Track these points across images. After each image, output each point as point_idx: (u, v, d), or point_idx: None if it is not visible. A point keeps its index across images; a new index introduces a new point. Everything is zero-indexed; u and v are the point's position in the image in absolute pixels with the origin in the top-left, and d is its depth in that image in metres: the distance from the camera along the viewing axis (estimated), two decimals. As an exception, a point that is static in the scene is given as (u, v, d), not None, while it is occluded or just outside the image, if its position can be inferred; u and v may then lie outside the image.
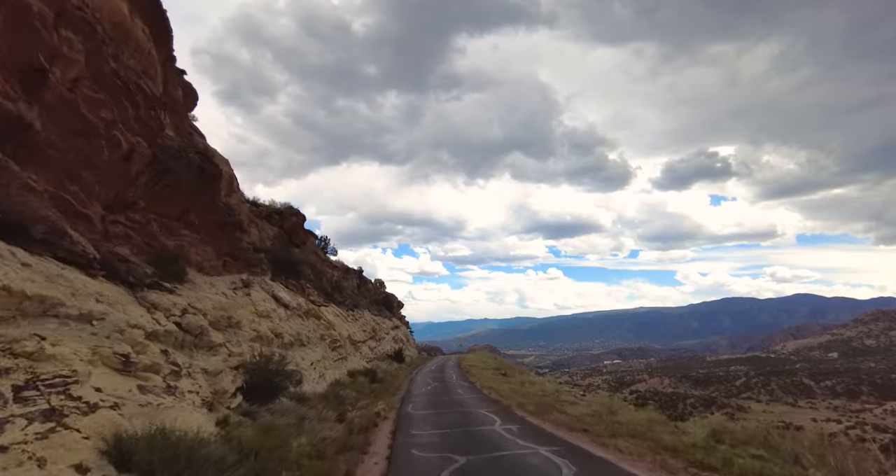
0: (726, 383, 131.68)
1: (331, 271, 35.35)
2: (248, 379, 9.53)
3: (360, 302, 40.25)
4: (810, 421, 79.18)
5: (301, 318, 19.30)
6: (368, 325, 36.99)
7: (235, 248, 16.47)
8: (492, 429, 10.46)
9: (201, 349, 9.55)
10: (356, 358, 28.57)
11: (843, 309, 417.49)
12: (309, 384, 15.44)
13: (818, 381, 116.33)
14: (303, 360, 16.91)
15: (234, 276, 16.25)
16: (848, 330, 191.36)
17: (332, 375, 19.14)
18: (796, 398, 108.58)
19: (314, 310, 21.63)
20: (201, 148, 13.19)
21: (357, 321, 34.43)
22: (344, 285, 40.34)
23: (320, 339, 22.00)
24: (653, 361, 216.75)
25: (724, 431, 7.98)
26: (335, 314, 29.48)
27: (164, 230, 12.39)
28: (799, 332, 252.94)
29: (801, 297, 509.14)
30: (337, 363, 23.33)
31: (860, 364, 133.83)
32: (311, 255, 30.49)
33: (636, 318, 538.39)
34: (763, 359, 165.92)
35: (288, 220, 29.38)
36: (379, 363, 32.57)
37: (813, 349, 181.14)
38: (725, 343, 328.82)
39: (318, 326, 21.48)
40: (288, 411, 9.73)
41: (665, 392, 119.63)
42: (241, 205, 18.59)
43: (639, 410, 11.20)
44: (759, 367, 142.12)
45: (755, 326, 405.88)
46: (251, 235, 19.82)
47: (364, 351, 32.08)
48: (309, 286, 24.25)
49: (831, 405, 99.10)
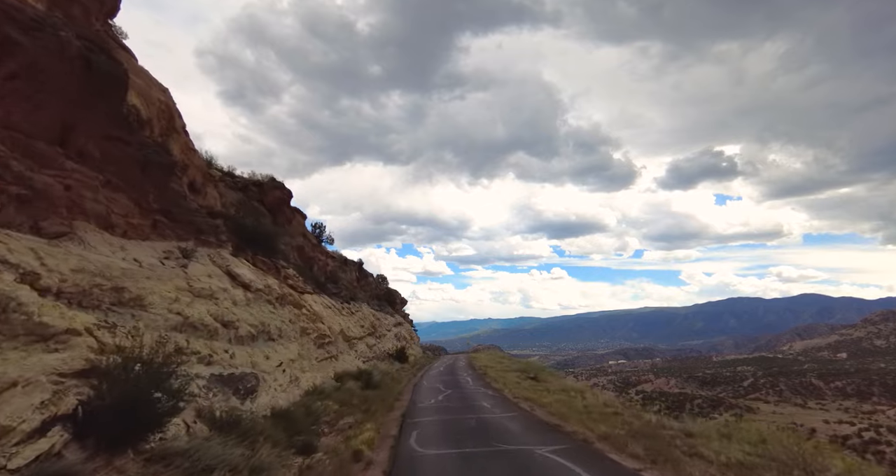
0: (733, 384, 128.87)
1: (324, 259, 30.75)
2: (96, 395, 4.85)
3: (357, 295, 35.67)
4: (822, 422, 77.39)
5: (271, 305, 14.63)
6: (367, 319, 32.36)
7: (173, 204, 11.81)
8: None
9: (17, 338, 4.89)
10: (350, 357, 23.91)
11: (850, 309, 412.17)
12: (269, 394, 10.74)
13: (828, 382, 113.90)
14: (267, 359, 12.25)
15: (169, 242, 11.58)
16: (857, 330, 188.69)
17: (311, 379, 14.44)
18: (805, 399, 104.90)
19: (292, 296, 16.93)
20: (92, 36, 8.54)
21: (353, 315, 29.81)
22: (340, 276, 35.67)
23: (301, 333, 17.33)
24: (658, 362, 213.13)
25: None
26: (325, 305, 24.80)
27: (26, 155, 7.70)
28: (806, 332, 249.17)
29: (808, 298, 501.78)
30: (323, 363, 18.65)
31: (870, 365, 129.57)
32: (299, 237, 25.88)
33: (641, 318, 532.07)
34: (770, 359, 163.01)
35: (269, 194, 24.69)
36: (378, 363, 27.89)
37: (821, 349, 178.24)
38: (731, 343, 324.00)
39: (297, 317, 16.81)
40: (179, 456, 5.04)
41: (671, 393, 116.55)
42: (188, 153, 13.91)
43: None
44: (767, 367, 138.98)
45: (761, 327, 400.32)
46: (206, 198, 15.16)
47: (361, 349, 27.41)
48: (289, 268, 19.55)
49: (842, 406, 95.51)
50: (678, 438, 7.45)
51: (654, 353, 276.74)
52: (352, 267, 46.37)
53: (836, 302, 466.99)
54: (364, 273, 50.71)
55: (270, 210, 24.79)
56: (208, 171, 15.49)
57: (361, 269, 49.59)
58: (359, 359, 25.52)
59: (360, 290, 43.59)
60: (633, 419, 8.98)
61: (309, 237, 28.91)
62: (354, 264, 47.53)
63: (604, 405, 11.01)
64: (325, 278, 31.98)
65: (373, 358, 29.10)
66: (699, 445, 6.73)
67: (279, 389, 11.56)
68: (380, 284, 57.59)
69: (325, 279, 31.35)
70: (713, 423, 9.22)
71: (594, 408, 10.50)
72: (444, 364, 34.03)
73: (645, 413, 10.11)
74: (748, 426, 7.72)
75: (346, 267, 44.85)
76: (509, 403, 13.30)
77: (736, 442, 6.75)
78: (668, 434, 7.82)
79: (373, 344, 31.15)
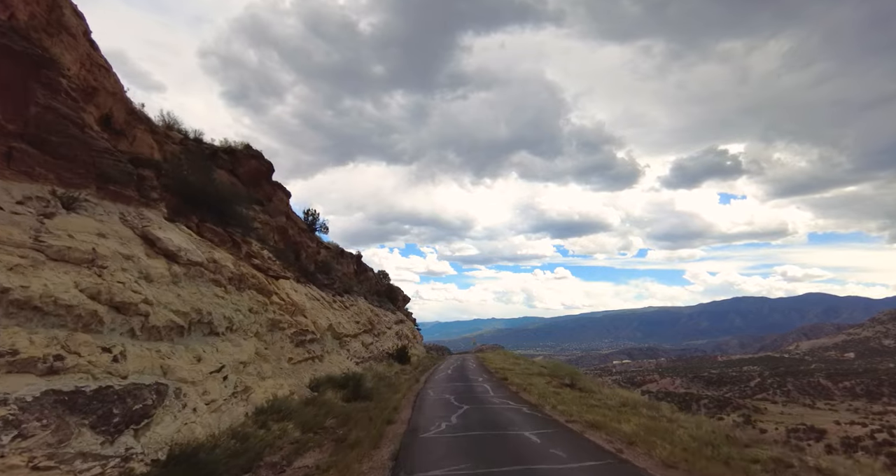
0: (740, 384, 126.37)
1: (314, 246, 26.66)
2: None
3: (353, 288, 31.61)
4: (833, 424, 74.31)
5: (219, 287, 10.51)
6: (363, 315, 28.26)
7: (53, 130, 7.73)
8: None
9: None
10: (339, 357, 19.79)
11: (856, 308, 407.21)
12: (179, 418, 6.55)
13: (836, 383, 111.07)
14: (197, 361, 8.08)
15: (37, 185, 7.47)
16: (864, 330, 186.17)
17: (273, 389, 10.26)
18: (814, 400, 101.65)
19: (256, 278, 12.77)
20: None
21: (347, 309, 25.72)
22: (334, 267, 31.59)
23: (270, 327, 13.21)
24: (663, 361, 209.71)
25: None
26: (312, 296, 20.68)
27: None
28: (812, 332, 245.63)
29: (814, 297, 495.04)
30: (300, 366, 14.48)
31: (879, 364, 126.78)
32: (280, 217, 21.77)
33: (645, 318, 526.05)
34: (777, 359, 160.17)
35: (244, 164, 20.55)
36: (374, 365, 23.78)
37: (828, 349, 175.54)
38: (736, 343, 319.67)
39: (262, 306, 12.70)
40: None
41: (677, 393, 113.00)
42: (96, 72, 9.78)
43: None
44: (773, 367, 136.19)
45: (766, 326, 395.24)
46: (134, 143, 11.04)
47: (354, 348, 23.28)
48: (257, 244, 15.40)
49: (851, 407, 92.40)
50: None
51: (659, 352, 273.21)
52: (349, 259, 42.31)
53: (842, 301, 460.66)
54: (363, 267, 46.65)
55: (246, 184, 20.67)
56: (136, 110, 11.37)
57: (360, 262, 45.54)
58: (351, 359, 21.39)
59: (357, 283, 39.47)
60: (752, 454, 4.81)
61: (295, 220, 24.79)
62: (352, 257, 43.49)
63: (711, 432, 6.81)
64: (316, 267, 27.90)
65: (369, 358, 24.98)
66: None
67: (206, 409, 7.40)
68: (380, 280, 53.51)
69: (314, 268, 27.26)
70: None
71: (707, 437, 6.24)
72: (451, 366, 29.63)
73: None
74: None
75: (343, 259, 40.78)
76: (565, 431, 8.22)
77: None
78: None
79: (370, 342, 27.06)
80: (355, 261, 44.01)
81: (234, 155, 19.96)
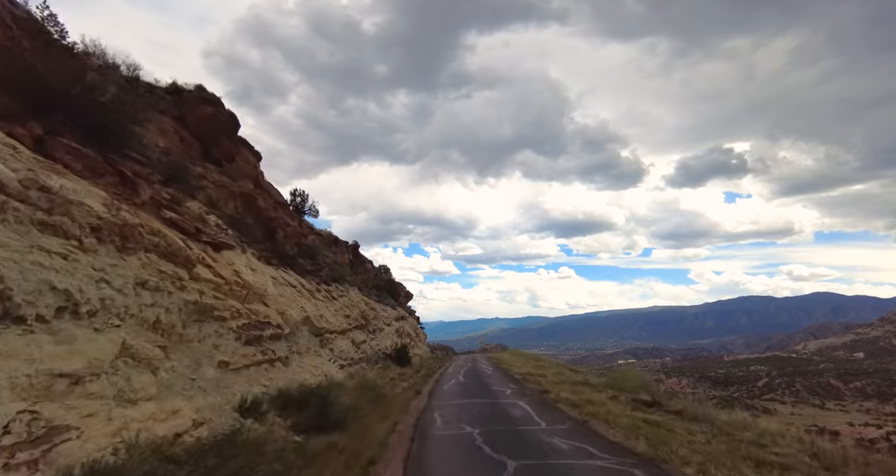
0: (747, 384, 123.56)
1: (294, 225, 21.88)
2: None
3: (345, 276, 26.86)
4: (846, 425, 71.43)
5: (65, 238, 5.83)
6: (355, 307, 23.44)
7: None
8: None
9: None
10: (316, 359, 15.01)
11: (864, 307, 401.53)
12: None
13: (846, 383, 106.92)
14: None
15: None
16: (873, 329, 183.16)
17: (139, 423, 5.51)
18: (823, 400, 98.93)
19: (162, 238, 7.96)
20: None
21: (334, 300, 20.94)
22: (323, 253, 26.84)
23: (193, 316, 8.51)
24: (668, 361, 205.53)
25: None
26: (281, 281, 15.92)
27: None
28: (820, 331, 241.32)
29: (820, 296, 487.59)
30: (239, 374, 9.66)
31: (889, 364, 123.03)
32: (246, 182, 16.97)
33: (650, 317, 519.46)
34: (784, 359, 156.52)
35: (195, 111, 15.73)
36: (365, 369, 18.98)
37: (836, 349, 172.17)
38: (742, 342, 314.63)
39: (177, 282, 7.96)
40: None
41: (684, 393, 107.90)
42: None
43: None
44: (781, 367, 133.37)
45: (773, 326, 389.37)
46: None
47: (341, 347, 18.43)
48: (198, 205, 10.64)
49: (862, 408, 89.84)
50: None
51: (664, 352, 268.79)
52: (344, 248, 37.53)
53: (849, 300, 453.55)
54: (360, 258, 41.87)
55: (199, 137, 15.92)
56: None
57: (357, 252, 40.75)
58: (335, 361, 16.56)
59: (353, 274, 34.70)
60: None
61: (269, 190, 20.00)
62: (347, 246, 38.69)
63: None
64: (298, 251, 23.14)
65: (360, 360, 20.17)
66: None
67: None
68: (380, 274, 48.73)
69: (296, 252, 22.51)
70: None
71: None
72: (461, 369, 24.55)
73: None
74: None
75: (338, 248, 36.01)
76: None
77: None
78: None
79: (362, 340, 22.20)
80: (351, 251, 39.22)
81: (181, 97, 15.19)
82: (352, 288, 26.30)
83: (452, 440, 8.03)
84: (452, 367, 27.21)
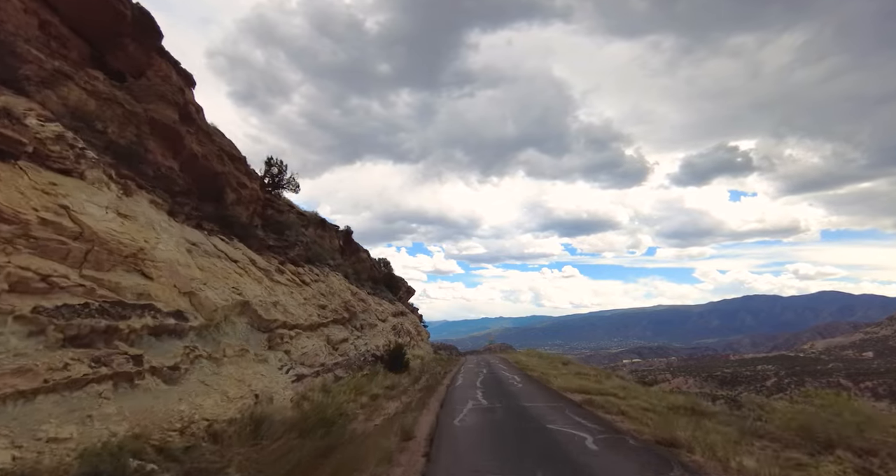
0: (755, 383, 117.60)
1: (251, 186, 16.32)
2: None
3: (325, 257, 21.33)
4: None
5: None
6: (336, 296, 17.84)
7: None
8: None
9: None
10: (259, 369, 9.54)
11: (872, 306, 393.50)
12: None
13: (857, 383, 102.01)
14: None
15: None
16: (882, 328, 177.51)
17: None
18: None
19: None
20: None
21: (303, 286, 15.40)
22: (298, 230, 21.40)
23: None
24: (674, 360, 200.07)
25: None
26: (213, 251, 10.49)
27: None
28: (827, 330, 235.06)
29: (827, 295, 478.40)
30: (28, 406, 4.38)
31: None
32: (164, 108, 11.46)
33: (654, 317, 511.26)
34: (792, 358, 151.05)
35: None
36: (340, 379, 13.44)
37: (845, 348, 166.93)
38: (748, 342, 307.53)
39: None
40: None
41: (691, 392, 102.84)
42: None
43: None
44: (789, 366, 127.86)
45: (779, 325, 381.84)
46: None
47: (306, 348, 12.76)
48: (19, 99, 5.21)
49: (875, 408, 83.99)
50: None
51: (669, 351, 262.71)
52: (333, 232, 32.05)
53: (856, 299, 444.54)
54: (354, 245, 36.31)
55: (85, 36, 10.51)
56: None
57: (350, 239, 35.21)
58: (290, 370, 11.01)
59: (342, 260, 29.23)
60: None
61: (210, 133, 14.49)
62: (338, 231, 33.21)
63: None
64: (262, 223, 17.65)
65: (336, 366, 14.60)
66: None
67: None
68: (378, 266, 43.15)
69: (256, 223, 17.02)
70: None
71: None
72: (476, 378, 18.34)
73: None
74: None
75: (325, 231, 30.57)
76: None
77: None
78: None
79: (342, 339, 16.56)
80: (343, 237, 33.70)
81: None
82: (335, 273, 20.79)
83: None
84: (463, 374, 21.37)
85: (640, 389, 12.12)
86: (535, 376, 16.60)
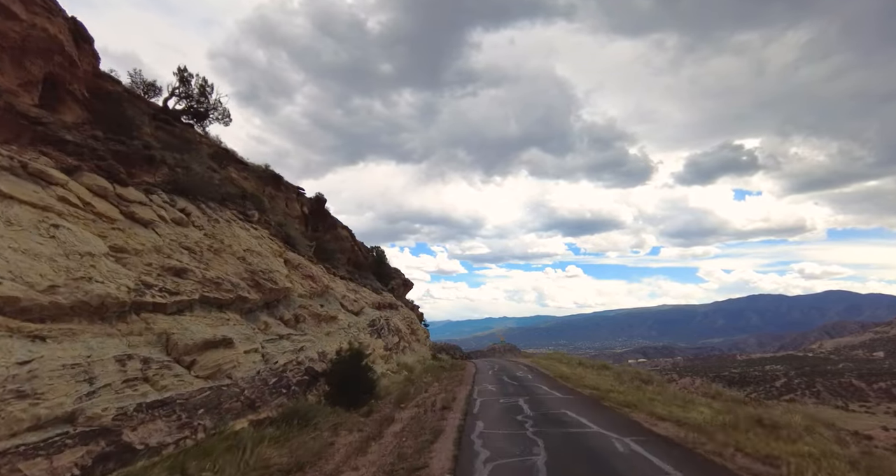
0: (764, 384, 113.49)
1: (143, 107, 9.24)
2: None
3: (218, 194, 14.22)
4: (880, 429, 60.23)
5: None
6: (231, 257, 10.61)
7: None
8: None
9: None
10: None
11: (879, 306, 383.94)
12: None
13: (869, 383, 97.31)
14: None
15: None
16: (893, 328, 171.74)
17: None
18: (847, 401, 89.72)
19: None
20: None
21: (136, 225, 8.25)
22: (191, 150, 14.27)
23: None
24: (679, 360, 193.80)
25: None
26: None
27: None
28: (835, 330, 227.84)
29: (834, 294, 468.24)
30: None
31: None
32: None
33: (659, 316, 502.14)
34: (800, 358, 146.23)
35: None
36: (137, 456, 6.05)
37: (854, 348, 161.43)
38: (754, 341, 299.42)
39: None
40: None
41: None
42: None
43: None
44: (798, 366, 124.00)
45: (785, 324, 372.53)
46: None
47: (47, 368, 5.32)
48: None
49: (889, 409, 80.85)
50: None
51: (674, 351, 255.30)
52: (294, 195, 24.66)
53: (863, 299, 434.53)
54: (329, 219, 28.79)
55: None
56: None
57: (322, 209, 27.51)
58: None
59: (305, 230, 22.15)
60: None
61: (61, 15, 7.46)
62: (303, 195, 25.73)
63: None
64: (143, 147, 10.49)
65: (154, 414, 7.36)
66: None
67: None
68: (363, 249, 35.82)
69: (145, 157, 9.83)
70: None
71: None
72: (514, 423, 8.62)
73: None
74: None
75: (278, 191, 23.34)
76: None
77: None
78: None
79: (221, 339, 9.11)
80: (312, 204, 26.33)
81: None
82: (249, 225, 13.52)
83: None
84: (475, 400, 11.50)
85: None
86: (613, 400, 8.35)
